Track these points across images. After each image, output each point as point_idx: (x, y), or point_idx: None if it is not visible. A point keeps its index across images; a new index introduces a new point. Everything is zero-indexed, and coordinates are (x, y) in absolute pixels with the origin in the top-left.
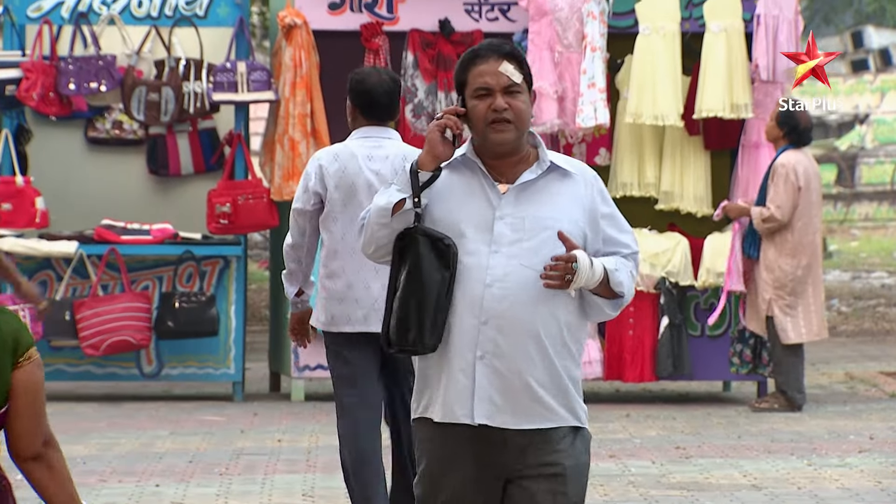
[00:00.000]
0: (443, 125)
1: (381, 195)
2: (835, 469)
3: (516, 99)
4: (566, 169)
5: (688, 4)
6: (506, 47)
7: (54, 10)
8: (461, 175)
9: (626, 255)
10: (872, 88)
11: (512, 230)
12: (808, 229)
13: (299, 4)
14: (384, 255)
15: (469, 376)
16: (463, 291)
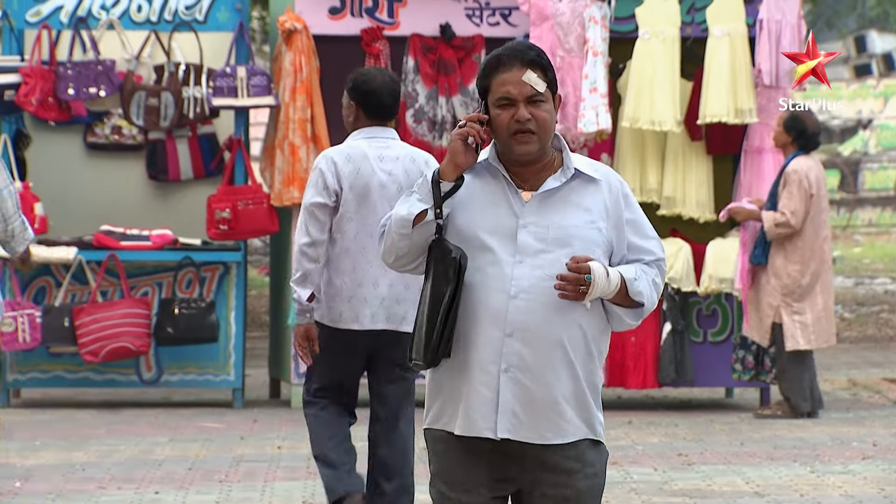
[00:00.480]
0: (465, 133)
1: (402, 204)
2: (838, 476)
3: (540, 108)
4: (590, 175)
5: (690, 9)
6: (530, 54)
7: (53, 15)
8: (484, 181)
9: (650, 262)
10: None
11: (536, 239)
12: (818, 236)
13: (300, 9)
14: (405, 264)
15: (493, 389)
16: (486, 302)
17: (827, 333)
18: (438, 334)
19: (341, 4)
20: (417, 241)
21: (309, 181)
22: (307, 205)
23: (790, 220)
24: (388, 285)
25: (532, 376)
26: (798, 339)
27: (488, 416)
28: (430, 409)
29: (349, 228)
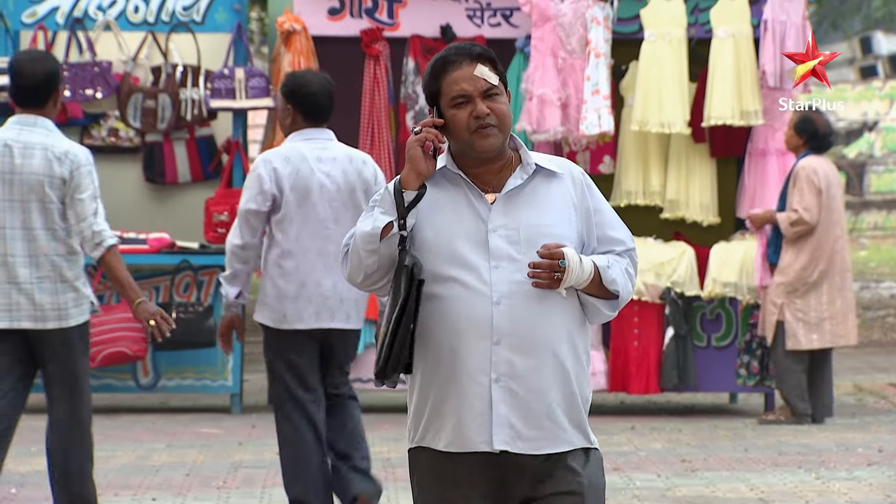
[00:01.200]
0: (423, 139)
1: (365, 220)
2: (843, 482)
3: (496, 102)
4: (552, 169)
5: (694, 10)
6: (476, 49)
7: (49, 16)
8: (444, 189)
9: (621, 253)
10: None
11: (508, 243)
12: (828, 235)
13: (298, 10)
14: (374, 282)
15: (485, 401)
16: (468, 312)
17: (832, 335)
18: (388, 347)
19: (341, 5)
20: (385, 256)
21: (246, 184)
22: (242, 210)
23: (804, 216)
24: (332, 285)
25: (524, 384)
26: (799, 339)
27: (482, 430)
28: (413, 427)
29: (291, 230)
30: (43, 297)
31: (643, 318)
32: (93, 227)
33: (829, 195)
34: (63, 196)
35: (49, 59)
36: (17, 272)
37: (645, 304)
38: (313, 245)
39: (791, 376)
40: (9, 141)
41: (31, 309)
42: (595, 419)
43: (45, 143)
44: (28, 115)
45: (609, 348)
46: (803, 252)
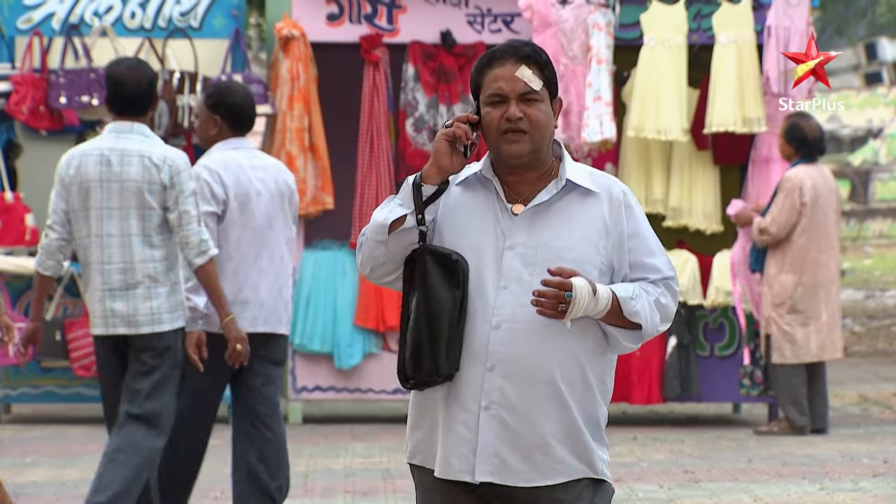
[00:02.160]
0: (451, 134)
1: (381, 210)
2: (848, 493)
3: (533, 107)
4: (587, 187)
5: (696, 15)
6: (526, 49)
7: (45, 22)
8: (475, 194)
9: (655, 281)
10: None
11: (522, 263)
12: (813, 246)
13: (297, 15)
14: (382, 275)
15: (472, 429)
16: (467, 332)
17: (818, 349)
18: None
19: (340, 11)
20: (395, 250)
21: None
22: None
23: (769, 228)
24: (268, 289)
25: (517, 415)
26: (785, 353)
27: (465, 458)
28: (409, 442)
29: (234, 235)
30: (136, 303)
31: None
32: (200, 235)
33: (817, 206)
34: (164, 202)
35: (147, 68)
36: (112, 279)
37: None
38: (252, 251)
39: (788, 389)
40: (105, 150)
41: (125, 315)
42: None
43: (142, 150)
44: (123, 123)
45: None
46: (785, 264)
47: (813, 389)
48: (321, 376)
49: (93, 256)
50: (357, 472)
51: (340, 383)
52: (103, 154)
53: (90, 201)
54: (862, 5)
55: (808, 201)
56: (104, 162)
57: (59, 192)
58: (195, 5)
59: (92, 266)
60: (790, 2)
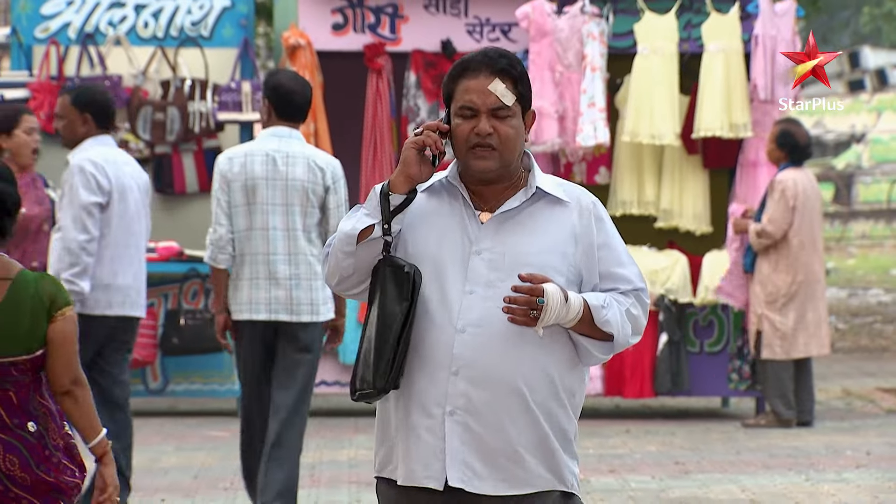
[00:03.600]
0: (421, 142)
1: (348, 220)
2: (832, 484)
3: (504, 123)
4: (557, 196)
5: (686, 25)
6: (501, 62)
7: (61, 31)
8: (441, 201)
9: (626, 292)
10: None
11: (489, 268)
12: (805, 247)
13: (303, 25)
14: (349, 287)
15: (437, 435)
16: (430, 337)
17: (804, 345)
18: (389, 361)
19: (344, 20)
20: (363, 260)
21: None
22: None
23: (767, 229)
24: (134, 276)
25: (483, 421)
26: (775, 349)
27: (431, 464)
28: (377, 455)
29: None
30: (299, 293)
31: None
32: None
33: (806, 208)
34: (322, 203)
35: (307, 81)
36: (277, 269)
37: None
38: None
39: (775, 383)
40: (270, 151)
41: (287, 303)
42: (591, 422)
43: (306, 153)
44: (282, 128)
45: None
46: (780, 263)
47: (799, 384)
48: (327, 371)
49: (255, 248)
50: (361, 463)
51: (345, 378)
52: (268, 154)
53: (255, 197)
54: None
55: (798, 205)
56: (270, 162)
57: (221, 188)
58: (205, 15)
59: (253, 256)
60: (776, 12)
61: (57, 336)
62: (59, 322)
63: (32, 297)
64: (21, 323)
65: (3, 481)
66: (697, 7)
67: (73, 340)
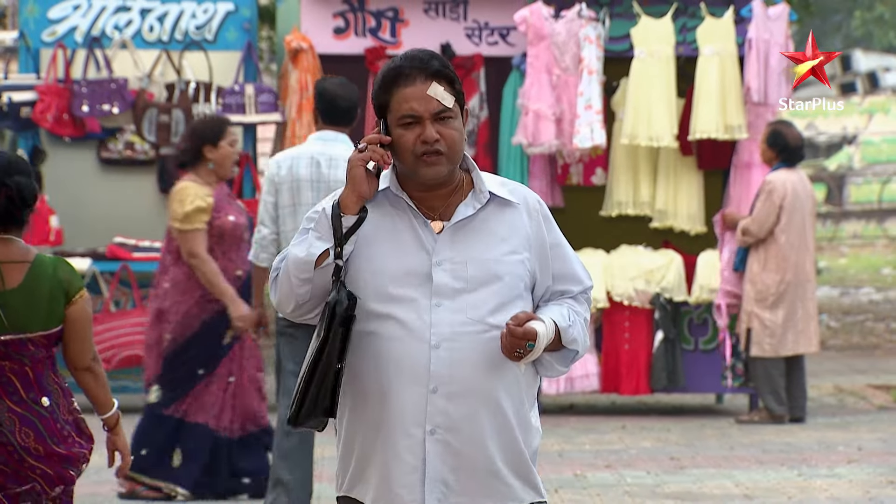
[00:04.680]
0: (367, 158)
1: (299, 244)
2: (824, 479)
3: (448, 126)
4: (506, 198)
5: (682, 29)
6: (434, 64)
7: (68, 35)
8: (385, 213)
9: (577, 296)
10: (860, 110)
11: (453, 278)
12: (794, 247)
13: (305, 29)
14: (305, 313)
15: (417, 456)
16: (403, 355)
17: (793, 343)
18: (301, 393)
19: (346, 24)
20: (320, 286)
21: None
22: None
23: (750, 228)
24: None
25: (462, 437)
26: (764, 346)
27: (414, 487)
28: (341, 474)
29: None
30: None
31: (634, 323)
32: None
33: (794, 208)
34: None
35: (354, 86)
36: None
37: (635, 309)
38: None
39: (767, 380)
40: (315, 154)
41: None
42: (587, 419)
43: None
44: (328, 132)
45: (601, 351)
46: (769, 262)
47: (792, 381)
48: None
49: None
50: None
51: None
52: (313, 157)
53: (300, 198)
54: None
55: (786, 204)
56: (314, 164)
57: (269, 190)
58: (210, 19)
59: None
60: (770, 16)
61: (78, 317)
62: (78, 304)
63: (50, 278)
64: (39, 303)
65: (18, 452)
66: (693, 11)
67: (91, 321)
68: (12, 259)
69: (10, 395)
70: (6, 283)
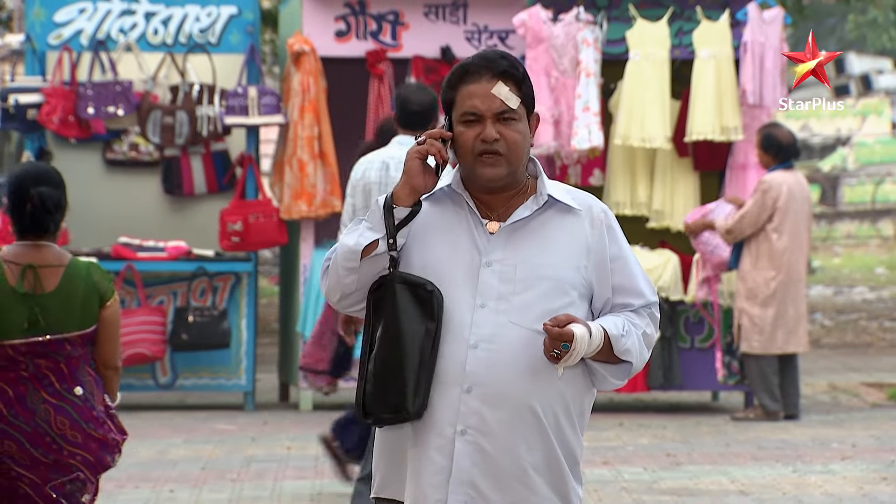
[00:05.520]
0: (424, 152)
1: (350, 234)
2: (819, 476)
3: (510, 127)
4: (568, 204)
5: (678, 32)
6: (502, 64)
7: (74, 38)
8: (445, 210)
9: (638, 309)
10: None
11: (501, 280)
12: (788, 247)
13: (307, 32)
14: (352, 304)
15: (447, 455)
16: (442, 352)
17: (783, 342)
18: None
19: (347, 27)
20: (367, 276)
21: None
22: None
23: (733, 226)
24: None
25: (494, 441)
26: (752, 343)
27: (440, 486)
28: (376, 475)
29: None
30: None
31: None
32: None
33: (789, 209)
34: None
35: (429, 91)
36: None
37: None
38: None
39: (762, 378)
40: (387, 158)
41: None
42: None
43: None
44: (403, 136)
45: None
46: (760, 261)
47: (785, 379)
48: None
49: None
50: None
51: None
52: (384, 161)
53: (370, 200)
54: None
55: (781, 205)
56: (384, 168)
57: (350, 193)
58: (213, 23)
59: None
60: (765, 19)
61: (110, 319)
62: (111, 308)
63: (85, 280)
64: (74, 305)
65: (56, 441)
66: (689, 15)
67: (120, 324)
68: (48, 264)
69: (46, 388)
70: (44, 286)
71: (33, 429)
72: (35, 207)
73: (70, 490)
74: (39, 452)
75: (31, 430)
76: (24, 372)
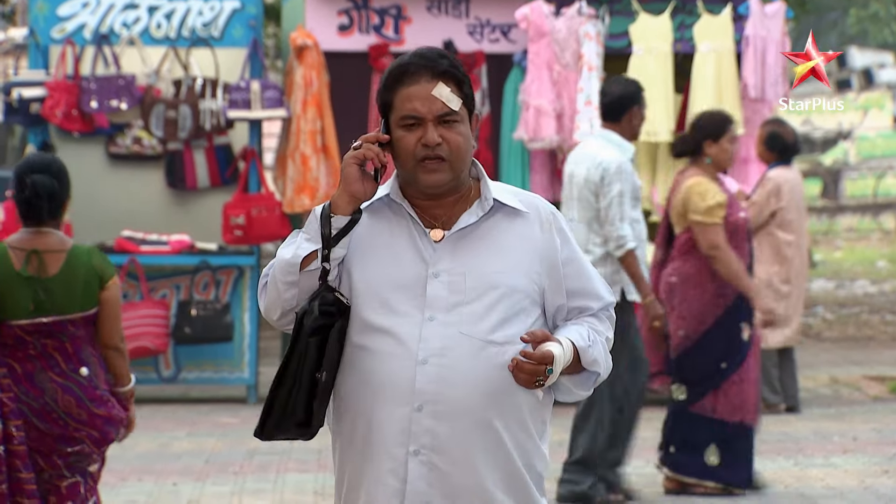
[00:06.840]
0: (361, 156)
1: (288, 246)
2: (820, 469)
3: (453, 130)
4: (515, 207)
5: (680, 26)
6: (442, 63)
7: (77, 32)
8: (384, 220)
9: (597, 313)
10: (856, 106)
11: (450, 291)
12: (790, 244)
13: (310, 26)
14: (291, 322)
15: (400, 478)
16: (387, 371)
17: (782, 335)
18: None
19: (350, 22)
20: (307, 291)
21: None
22: None
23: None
24: None
25: (450, 459)
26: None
27: None
28: (336, 498)
29: None
30: None
31: None
32: (617, 231)
33: (792, 206)
34: (597, 198)
35: (629, 83)
36: None
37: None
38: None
39: (761, 371)
40: (579, 150)
41: None
42: None
43: (594, 153)
44: (603, 129)
45: None
46: (763, 255)
47: (784, 371)
48: None
49: None
50: None
51: None
52: (575, 153)
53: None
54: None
55: (785, 203)
56: (571, 161)
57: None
58: (216, 17)
59: None
60: (767, 13)
61: (110, 300)
62: (111, 290)
63: (86, 265)
64: (76, 287)
65: (63, 418)
66: (690, 8)
67: (120, 304)
68: (51, 249)
69: (53, 368)
70: (48, 270)
71: (41, 406)
72: (29, 195)
73: (75, 460)
74: (46, 427)
75: (40, 406)
76: (31, 351)
